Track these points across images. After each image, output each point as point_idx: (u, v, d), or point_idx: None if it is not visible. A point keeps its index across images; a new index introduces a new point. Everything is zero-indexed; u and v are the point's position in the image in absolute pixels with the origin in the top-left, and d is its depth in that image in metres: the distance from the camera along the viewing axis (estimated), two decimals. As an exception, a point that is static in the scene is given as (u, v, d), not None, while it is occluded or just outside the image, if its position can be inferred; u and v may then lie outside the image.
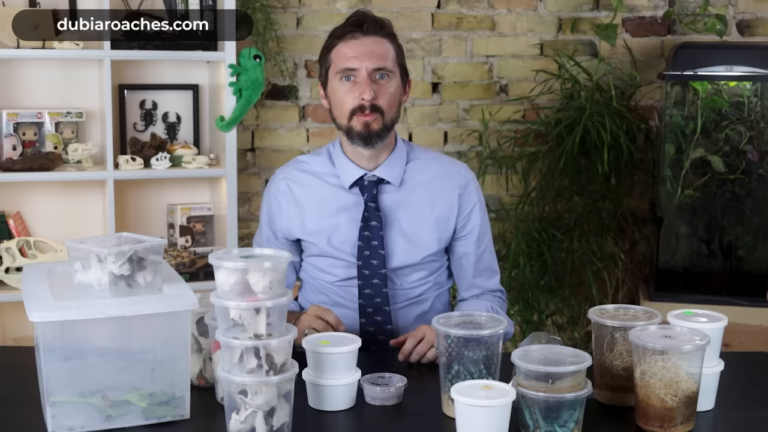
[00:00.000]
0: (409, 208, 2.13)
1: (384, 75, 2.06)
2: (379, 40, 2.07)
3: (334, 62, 2.08)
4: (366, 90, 2.03)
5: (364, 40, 2.06)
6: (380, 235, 2.09)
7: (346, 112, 2.06)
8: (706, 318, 1.71)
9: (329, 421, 1.66)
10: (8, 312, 3.21)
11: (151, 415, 1.60)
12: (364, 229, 2.10)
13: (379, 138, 2.07)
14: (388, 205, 2.13)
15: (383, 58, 2.06)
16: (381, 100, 2.05)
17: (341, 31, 2.09)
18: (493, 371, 1.63)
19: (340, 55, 2.07)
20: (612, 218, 3.56)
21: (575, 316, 3.56)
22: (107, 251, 1.60)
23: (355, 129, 2.06)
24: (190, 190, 3.40)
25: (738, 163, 3.30)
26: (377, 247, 2.09)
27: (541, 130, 3.55)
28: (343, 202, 2.13)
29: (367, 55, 2.04)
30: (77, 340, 1.57)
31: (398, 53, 2.11)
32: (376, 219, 2.10)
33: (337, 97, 2.08)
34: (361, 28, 2.06)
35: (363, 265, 2.10)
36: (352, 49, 2.05)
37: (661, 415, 1.56)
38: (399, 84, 2.10)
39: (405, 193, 2.14)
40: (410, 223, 2.13)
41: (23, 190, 3.24)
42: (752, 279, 3.34)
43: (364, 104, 2.04)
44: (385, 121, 2.07)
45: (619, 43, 3.59)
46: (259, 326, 1.51)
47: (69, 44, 3.06)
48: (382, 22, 2.10)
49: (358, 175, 2.12)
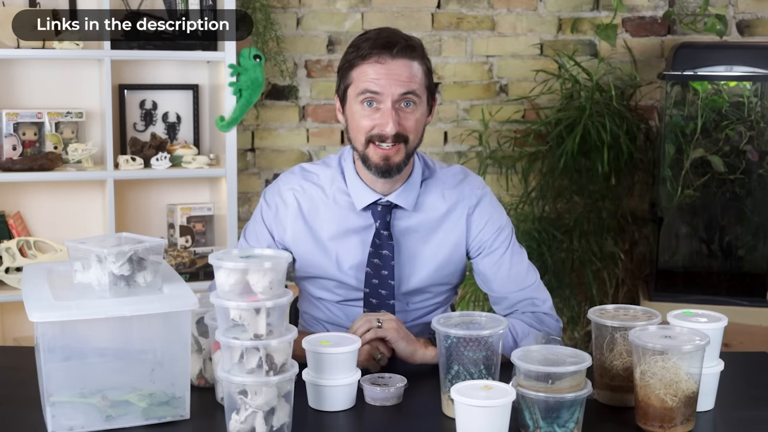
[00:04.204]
0: (419, 233, 2.01)
1: (410, 103, 1.90)
2: (408, 62, 1.89)
3: (355, 82, 1.91)
4: (389, 122, 1.87)
5: (392, 64, 1.88)
6: (391, 266, 1.97)
7: (363, 138, 1.91)
8: (706, 318, 1.71)
9: (329, 421, 1.65)
10: (8, 312, 3.21)
11: (151, 415, 1.60)
12: (373, 255, 1.98)
13: (398, 171, 1.93)
14: (400, 232, 2.00)
15: (411, 81, 1.89)
16: (405, 129, 1.90)
17: (367, 51, 1.89)
18: (493, 371, 1.63)
19: (364, 76, 1.89)
20: (612, 218, 3.56)
21: (575, 316, 3.56)
22: (107, 251, 1.60)
23: (372, 159, 1.92)
24: (190, 190, 3.40)
25: (738, 163, 3.30)
26: (387, 277, 1.98)
27: (541, 130, 3.55)
28: (353, 224, 2.00)
29: (394, 80, 1.87)
30: (77, 340, 1.56)
31: (427, 74, 1.94)
32: (388, 248, 1.97)
33: (355, 119, 1.92)
34: (390, 51, 1.88)
35: (370, 293, 1.99)
36: (377, 72, 1.88)
37: (661, 415, 1.56)
38: (425, 109, 1.95)
39: (417, 219, 2.01)
40: (422, 246, 2.01)
41: (23, 190, 3.24)
42: (752, 279, 3.34)
43: (385, 135, 1.89)
44: (407, 150, 1.92)
45: (619, 43, 3.59)
46: (259, 326, 1.51)
47: (69, 44, 3.06)
48: (412, 44, 1.92)
49: (372, 200, 1.98)
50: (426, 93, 1.94)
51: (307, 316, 2.14)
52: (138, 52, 3.16)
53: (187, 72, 3.39)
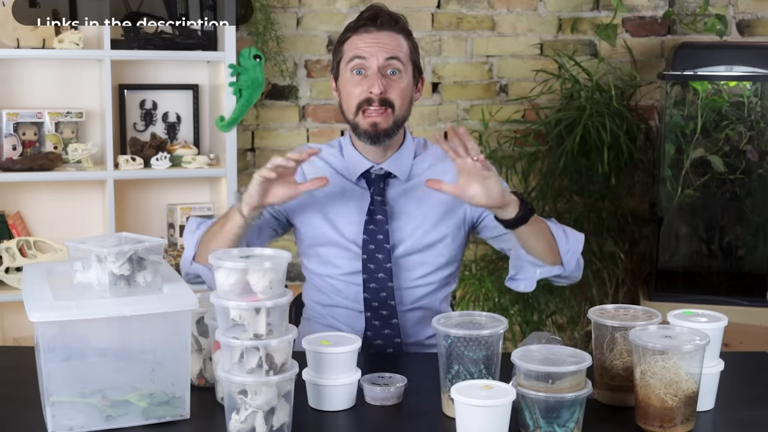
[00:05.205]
0: (413, 195, 2.13)
1: (395, 71, 2.06)
2: (393, 34, 2.08)
3: (345, 53, 2.08)
4: (375, 83, 2.03)
5: (378, 34, 2.06)
6: (385, 229, 2.09)
7: (354, 106, 2.06)
8: (706, 318, 1.71)
9: (329, 421, 1.65)
10: (8, 312, 3.21)
11: (151, 415, 1.60)
12: (369, 222, 2.10)
13: (387, 136, 2.07)
14: (393, 197, 2.13)
15: (395, 49, 2.06)
16: (391, 94, 2.05)
17: (355, 24, 2.09)
18: (493, 371, 1.63)
19: (353, 45, 2.07)
20: (612, 218, 3.56)
21: (575, 316, 3.56)
22: (107, 251, 1.60)
23: (361, 127, 2.06)
24: (190, 190, 3.40)
25: (738, 163, 3.30)
26: (382, 241, 2.09)
27: (541, 130, 3.55)
28: (351, 193, 2.13)
29: (379, 47, 2.05)
30: (77, 340, 1.56)
31: (412, 50, 2.11)
32: (382, 213, 2.10)
33: (346, 89, 2.08)
34: (374, 23, 2.06)
35: (368, 259, 2.09)
36: (364, 41, 2.06)
37: (661, 415, 1.56)
38: (411, 80, 2.10)
39: (410, 185, 2.14)
40: (415, 208, 2.12)
41: (23, 190, 3.24)
42: (752, 279, 3.34)
43: (372, 97, 2.03)
44: (395, 117, 2.06)
45: (619, 43, 3.59)
46: (259, 326, 1.51)
47: (69, 44, 3.06)
48: (396, 17, 2.11)
49: (365, 168, 2.12)
50: (412, 66, 2.10)
51: (312, 303, 2.21)
52: (138, 52, 3.16)
53: (187, 72, 3.39)
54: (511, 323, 3.46)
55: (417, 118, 3.64)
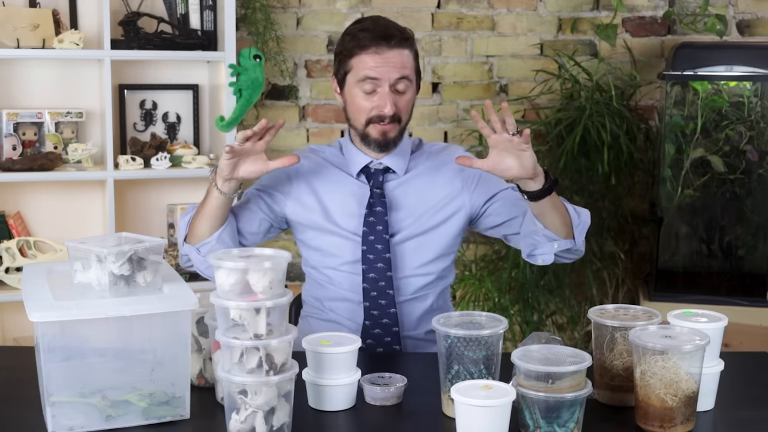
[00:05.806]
0: (411, 188, 2.20)
1: (404, 87, 2.12)
2: (402, 51, 2.11)
3: (355, 69, 2.12)
4: (387, 104, 2.09)
5: (388, 54, 2.09)
6: (384, 220, 2.14)
7: (363, 119, 2.13)
8: (706, 318, 1.71)
9: (329, 421, 1.66)
10: (8, 312, 3.21)
11: (151, 415, 1.60)
12: (369, 215, 2.15)
13: (394, 144, 2.17)
14: (392, 190, 2.19)
15: (404, 67, 2.11)
16: (400, 110, 2.12)
17: (367, 42, 2.10)
18: (493, 371, 1.63)
19: (363, 64, 2.10)
20: (612, 218, 3.56)
21: (575, 316, 3.56)
22: (107, 251, 1.60)
23: (371, 136, 2.14)
24: (190, 190, 3.40)
25: (738, 163, 3.30)
26: (382, 232, 2.14)
27: (541, 130, 3.55)
28: (350, 188, 2.19)
29: (390, 67, 2.09)
30: (77, 340, 1.57)
31: (415, 58, 2.16)
32: (381, 205, 2.15)
33: (354, 101, 2.14)
34: (388, 43, 2.09)
35: (367, 249, 2.14)
36: (376, 62, 2.09)
37: (661, 415, 1.56)
38: (414, 89, 2.17)
39: (407, 178, 2.21)
40: (413, 197, 2.19)
41: (23, 190, 3.24)
42: (752, 279, 3.34)
43: (383, 115, 2.10)
44: (401, 126, 2.15)
45: (619, 43, 3.59)
46: (259, 326, 1.51)
47: (69, 44, 3.06)
48: (405, 33, 2.14)
49: (365, 163, 2.18)
50: (415, 75, 2.16)
51: (311, 299, 2.25)
52: (138, 52, 3.16)
53: (187, 72, 3.39)
54: (511, 323, 3.46)
55: (417, 118, 3.64)
